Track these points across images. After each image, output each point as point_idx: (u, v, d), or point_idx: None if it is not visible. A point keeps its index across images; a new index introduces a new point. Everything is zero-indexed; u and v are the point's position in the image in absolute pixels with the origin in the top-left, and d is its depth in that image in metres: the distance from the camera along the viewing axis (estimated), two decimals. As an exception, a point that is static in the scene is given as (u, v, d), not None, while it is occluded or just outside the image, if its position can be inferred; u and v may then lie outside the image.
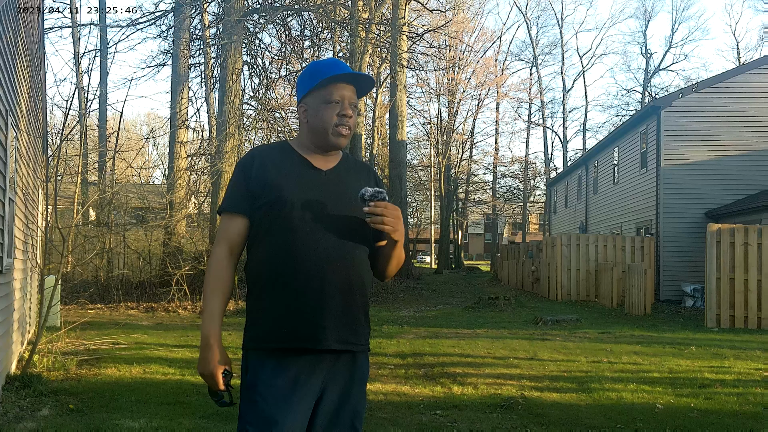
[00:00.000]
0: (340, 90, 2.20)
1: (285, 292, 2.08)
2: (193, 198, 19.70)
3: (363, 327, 2.17)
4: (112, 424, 4.95)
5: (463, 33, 39.42)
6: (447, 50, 36.37)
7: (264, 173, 2.17)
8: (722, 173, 17.58)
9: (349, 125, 2.21)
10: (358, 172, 2.28)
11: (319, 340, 2.07)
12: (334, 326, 2.08)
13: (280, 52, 20.97)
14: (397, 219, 2.08)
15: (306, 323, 2.07)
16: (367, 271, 2.19)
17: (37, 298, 9.63)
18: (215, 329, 2.11)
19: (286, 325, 2.07)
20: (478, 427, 5.11)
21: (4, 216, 5.75)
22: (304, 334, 2.07)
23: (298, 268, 2.07)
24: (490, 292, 20.40)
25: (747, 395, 6.21)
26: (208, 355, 2.09)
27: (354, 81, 2.24)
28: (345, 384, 2.14)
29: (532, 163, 48.85)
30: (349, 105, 2.21)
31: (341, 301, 2.09)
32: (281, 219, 2.11)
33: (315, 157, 2.23)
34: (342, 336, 2.10)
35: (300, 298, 2.07)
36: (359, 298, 2.14)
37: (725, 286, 12.19)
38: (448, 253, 42.71)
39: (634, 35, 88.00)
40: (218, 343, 2.10)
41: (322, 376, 2.10)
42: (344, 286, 2.10)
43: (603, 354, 8.63)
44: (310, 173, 2.19)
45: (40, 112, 10.16)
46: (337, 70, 2.21)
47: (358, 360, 2.17)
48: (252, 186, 2.16)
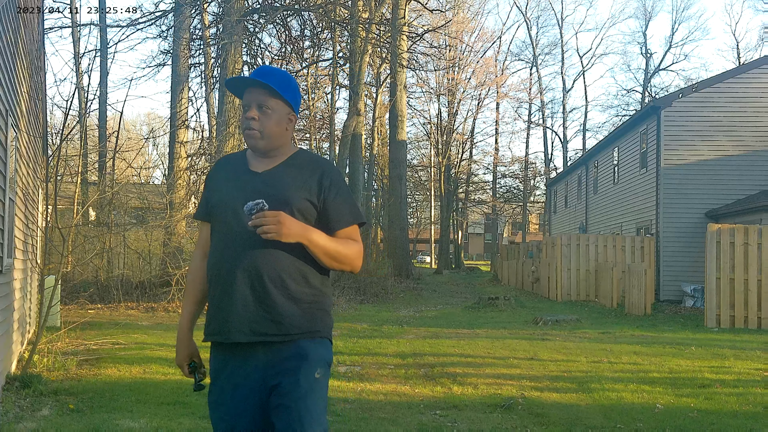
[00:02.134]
0: (247, 95, 2.33)
1: (211, 289, 2.29)
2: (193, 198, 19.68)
3: (289, 316, 2.21)
4: (112, 424, 4.95)
5: (463, 33, 39.46)
6: (447, 50, 36.36)
7: (214, 181, 2.40)
8: (722, 173, 17.57)
9: (252, 127, 2.30)
10: (302, 169, 2.32)
11: (227, 333, 2.23)
12: (242, 320, 2.21)
13: (280, 52, 21.00)
14: (279, 223, 2.13)
15: (217, 318, 2.26)
16: (291, 265, 2.23)
17: (37, 298, 9.63)
18: (184, 324, 2.40)
19: (208, 320, 2.30)
20: (478, 427, 5.11)
21: (4, 216, 5.75)
22: (215, 328, 2.26)
23: (219, 267, 2.25)
24: (490, 292, 20.40)
25: (747, 395, 6.21)
26: (178, 348, 2.41)
27: (257, 84, 2.31)
28: (292, 371, 2.20)
29: (532, 163, 48.89)
30: (256, 107, 2.31)
31: (251, 294, 2.20)
32: (216, 221, 2.32)
33: (256, 161, 2.37)
34: (253, 328, 2.20)
35: (217, 295, 2.26)
36: (278, 290, 2.21)
37: (725, 286, 12.19)
38: (448, 253, 42.73)
39: (634, 35, 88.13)
40: (186, 337, 2.39)
41: (259, 368, 2.22)
42: (255, 281, 2.20)
43: (603, 354, 8.63)
44: (245, 176, 2.33)
45: (40, 112, 10.16)
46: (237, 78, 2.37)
47: (300, 346, 2.23)
48: (207, 193, 2.41)
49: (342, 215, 2.31)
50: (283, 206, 2.20)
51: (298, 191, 2.26)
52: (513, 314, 14.23)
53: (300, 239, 2.17)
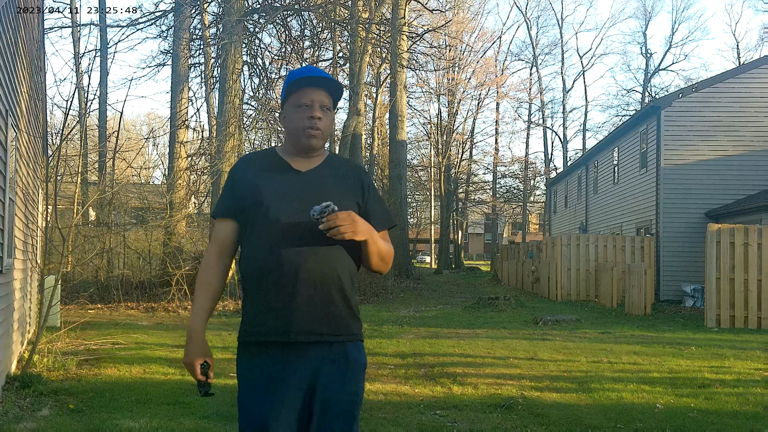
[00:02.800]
0: (309, 94, 2.31)
1: (262, 288, 2.21)
2: (193, 198, 19.70)
3: (342, 318, 2.24)
4: (112, 424, 4.96)
5: (463, 33, 39.45)
6: (447, 50, 36.36)
7: (247, 178, 2.32)
8: (722, 173, 17.57)
9: (317, 126, 2.30)
10: (342, 171, 2.37)
11: (288, 333, 2.18)
12: (303, 320, 2.18)
13: (280, 52, 20.99)
14: (352, 222, 2.15)
15: (276, 317, 2.19)
16: (345, 266, 2.26)
17: (37, 298, 9.63)
18: (199, 323, 2.28)
19: (260, 319, 2.22)
20: (478, 427, 5.11)
21: (4, 216, 5.75)
22: (273, 327, 2.19)
23: (272, 265, 2.19)
24: (490, 292, 20.40)
25: (747, 395, 6.21)
26: (189, 347, 2.26)
27: (323, 84, 2.33)
28: (338, 374, 2.22)
29: (532, 163, 48.88)
30: (319, 107, 2.32)
31: (312, 295, 2.19)
32: (260, 219, 2.24)
33: (296, 160, 2.35)
34: (312, 328, 2.19)
35: (272, 294, 2.19)
36: (335, 291, 2.22)
37: (725, 286, 12.19)
38: (448, 253, 42.71)
39: (634, 35, 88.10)
40: (199, 337, 2.27)
41: (309, 369, 2.20)
42: (317, 281, 2.19)
43: (603, 354, 8.63)
44: (288, 175, 2.31)
45: (40, 112, 10.16)
46: (303, 74, 2.33)
47: (347, 349, 2.25)
48: (237, 190, 2.32)
49: (380, 217, 2.39)
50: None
51: (347, 192, 2.31)
52: (513, 314, 14.22)
53: (368, 237, 2.22)
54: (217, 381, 6.75)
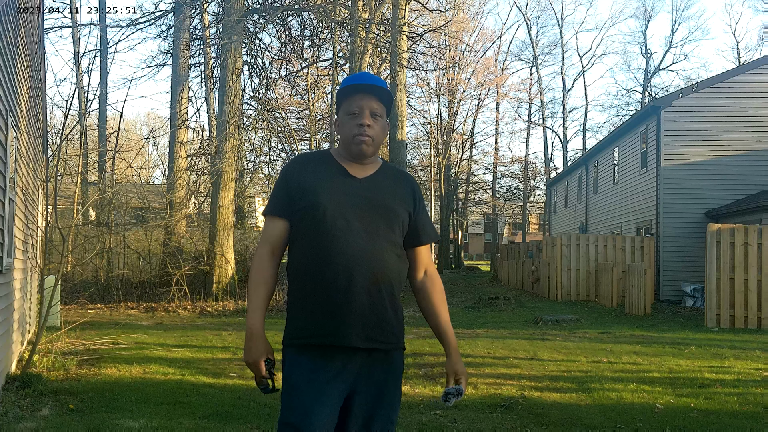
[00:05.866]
0: (359, 101, 2.32)
1: (315, 290, 2.21)
2: (193, 198, 19.71)
3: (392, 325, 2.28)
4: (112, 424, 4.95)
5: (463, 33, 39.42)
6: (447, 50, 36.35)
7: (303, 179, 2.32)
8: (722, 173, 17.57)
9: (367, 134, 2.31)
10: (396, 180, 2.40)
11: (344, 337, 2.19)
12: (359, 324, 2.20)
13: (280, 52, 20.97)
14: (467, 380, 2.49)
15: (332, 321, 2.19)
16: (396, 273, 2.29)
17: (37, 298, 9.63)
18: (258, 321, 2.27)
19: (314, 322, 2.21)
20: (477, 426, 5.11)
21: (4, 216, 5.75)
22: (329, 331, 2.19)
23: (327, 268, 2.20)
24: (490, 292, 20.39)
25: (747, 395, 6.21)
26: (251, 345, 2.25)
27: (372, 91, 2.33)
28: (380, 380, 2.26)
29: (532, 163, 48.82)
30: (369, 114, 2.31)
31: (368, 300, 2.21)
32: (316, 222, 2.24)
33: (352, 166, 2.36)
34: (368, 334, 2.21)
35: (328, 297, 2.19)
36: (387, 298, 2.25)
37: (725, 286, 12.19)
38: (448, 252, 42.69)
39: (634, 35, 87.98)
40: (261, 334, 2.26)
41: (353, 373, 2.22)
42: (372, 287, 2.21)
43: (603, 354, 8.63)
44: (346, 180, 2.32)
45: (40, 112, 10.16)
46: (353, 82, 2.33)
47: (391, 356, 2.30)
48: (291, 191, 2.32)
49: (429, 232, 2.45)
50: (390, 214, 2.29)
51: (401, 202, 2.35)
52: (513, 314, 14.23)
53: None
54: (217, 381, 6.76)
